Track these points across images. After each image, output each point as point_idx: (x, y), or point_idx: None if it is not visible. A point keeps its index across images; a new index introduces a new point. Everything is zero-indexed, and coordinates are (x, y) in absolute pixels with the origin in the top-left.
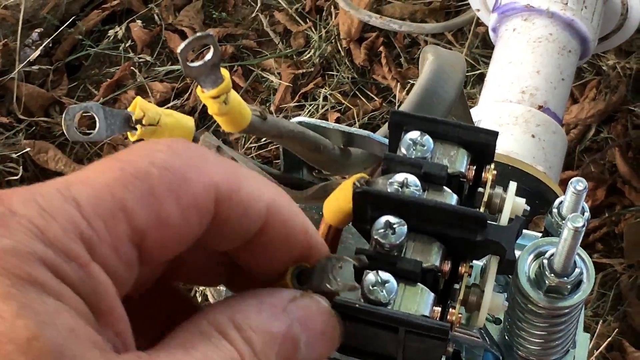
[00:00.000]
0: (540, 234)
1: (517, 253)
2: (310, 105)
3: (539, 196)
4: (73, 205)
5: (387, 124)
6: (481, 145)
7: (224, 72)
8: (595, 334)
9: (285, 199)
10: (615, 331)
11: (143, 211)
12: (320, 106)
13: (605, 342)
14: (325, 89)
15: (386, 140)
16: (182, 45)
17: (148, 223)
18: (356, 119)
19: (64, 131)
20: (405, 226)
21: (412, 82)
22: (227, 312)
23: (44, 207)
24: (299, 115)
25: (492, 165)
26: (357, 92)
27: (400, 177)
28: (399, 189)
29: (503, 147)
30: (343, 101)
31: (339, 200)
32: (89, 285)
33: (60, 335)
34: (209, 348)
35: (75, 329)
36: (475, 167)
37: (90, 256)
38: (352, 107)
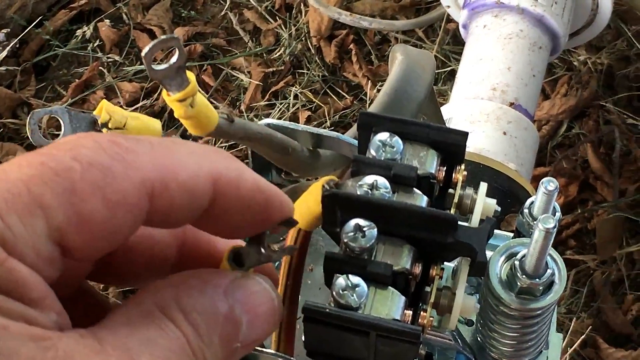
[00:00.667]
0: (511, 234)
1: (489, 254)
2: (280, 104)
3: (510, 194)
4: None
5: (356, 124)
6: (451, 145)
7: (190, 75)
8: (569, 331)
9: (229, 162)
10: (589, 328)
11: (62, 208)
12: (291, 105)
13: (579, 339)
14: (296, 87)
15: (355, 142)
16: (147, 48)
17: (68, 221)
18: (327, 117)
19: (29, 135)
20: (375, 229)
21: (383, 79)
22: (172, 293)
23: None
24: (270, 113)
25: (463, 166)
26: (328, 90)
27: (369, 179)
28: (369, 191)
29: (475, 145)
30: (314, 99)
31: (309, 203)
32: (11, 280)
33: None
34: (154, 330)
35: (5, 325)
36: (445, 167)
37: (4, 251)
38: (323, 105)
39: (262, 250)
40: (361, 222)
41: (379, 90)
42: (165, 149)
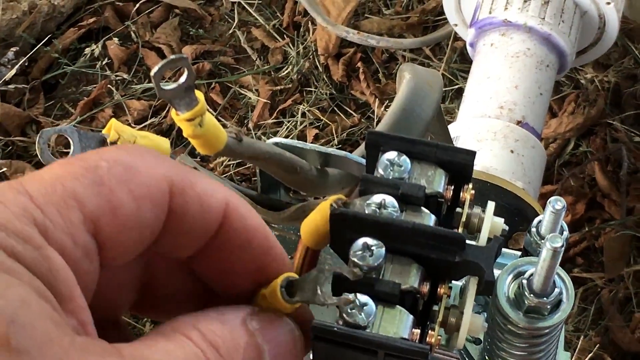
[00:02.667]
0: (519, 252)
1: (497, 272)
2: (288, 122)
3: (518, 213)
4: (25, 196)
5: (364, 143)
6: (459, 165)
7: (199, 95)
8: (577, 349)
9: (241, 200)
10: (597, 346)
11: (94, 199)
12: (298, 122)
13: (587, 358)
14: (304, 105)
15: (363, 161)
16: (156, 68)
17: (100, 210)
18: (335, 135)
19: (38, 154)
20: (383, 248)
21: (390, 97)
22: (190, 320)
23: None
24: (277, 131)
25: (470, 185)
26: (336, 108)
27: (377, 198)
28: (377, 210)
29: (482, 163)
30: (321, 117)
31: (317, 221)
32: (45, 267)
33: (10, 305)
34: (172, 344)
35: (27, 300)
36: (453, 187)
37: (45, 240)
38: (330, 123)
39: (318, 291)
40: (369, 241)
41: (386, 108)
42: (183, 166)
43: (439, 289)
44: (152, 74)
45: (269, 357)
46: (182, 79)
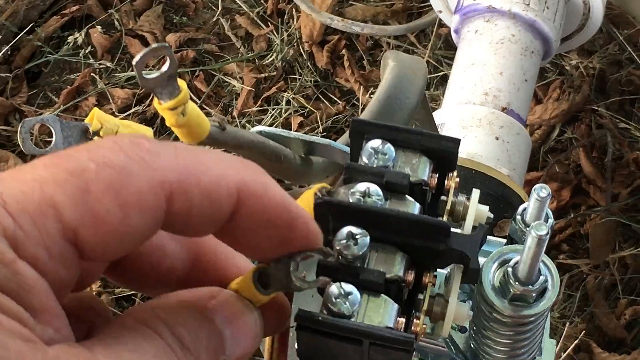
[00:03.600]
0: (504, 240)
1: (482, 260)
2: (273, 109)
3: (503, 200)
4: None
5: (348, 131)
6: (443, 152)
7: (181, 84)
8: (563, 336)
9: (257, 173)
10: (583, 333)
11: (76, 208)
12: (283, 110)
13: (573, 344)
14: (288, 92)
15: (347, 149)
16: (138, 57)
17: (82, 220)
18: (319, 123)
19: (20, 144)
20: (368, 237)
21: (375, 84)
22: (151, 310)
23: None
24: (262, 119)
25: (455, 173)
26: (320, 96)
27: (362, 186)
28: (361, 198)
29: (467, 150)
30: (306, 105)
31: None
32: (15, 283)
33: None
34: (142, 340)
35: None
36: (437, 174)
37: (15, 253)
38: (315, 110)
39: (292, 277)
40: (354, 229)
41: (371, 96)
42: (189, 153)
43: (423, 278)
44: (134, 62)
45: (230, 341)
46: (165, 67)
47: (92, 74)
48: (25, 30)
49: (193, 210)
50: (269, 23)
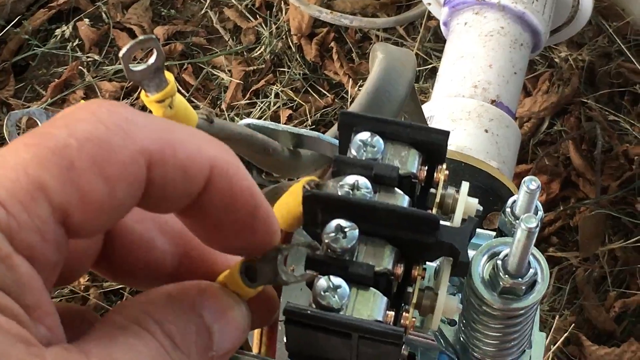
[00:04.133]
0: (494, 232)
1: (471, 253)
2: (261, 102)
3: (492, 192)
4: None
5: (337, 124)
6: (432, 145)
7: (169, 76)
8: (552, 329)
9: (229, 156)
10: (572, 325)
11: (63, 187)
12: (272, 103)
13: (562, 337)
14: (277, 85)
15: (336, 141)
16: (124, 49)
17: (70, 199)
18: (308, 116)
19: (6, 137)
20: (357, 230)
21: (364, 77)
22: (141, 307)
23: None
24: (251, 112)
25: (444, 166)
26: (309, 89)
27: (350, 179)
28: (350, 191)
29: (456, 143)
30: (295, 98)
31: (289, 203)
32: (11, 279)
33: None
34: (134, 339)
35: None
36: (426, 167)
37: (10, 245)
38: (304, 103)
39: (279, 271)
40: (342, 222)
41: (360, 88)
42: (165, 124)
43: (413, 271)
44: (120, 54)
45: (218, 336)
46: (152, 59)
47: (79, 67)
48: (12, 23)
49: (168, 182)
50: (258, 16)
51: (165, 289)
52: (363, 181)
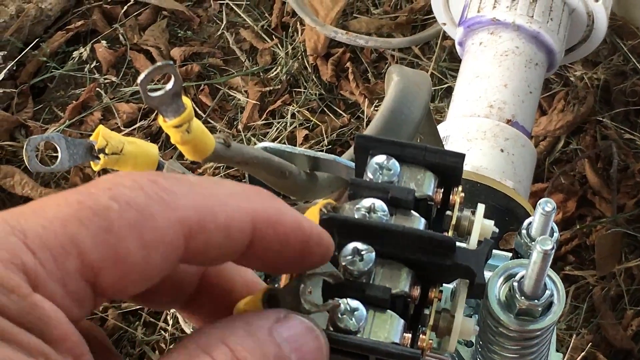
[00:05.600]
0: (510, 253)
1: (488, 275)
2: (278, 123)
3: (508, 212)
4: (19, 237)
5: (352, 147)
6: (448, 167)
7: (186, 101)
8: (569, 348)
9: (269, 202)
10: (589, 344)
11: (98, 248)
12: (288, 123)
13: (580, 356)
14: (293, 106)
15: (352, 164)
16: (142, 76)
17: (104, 260)
18: (325, 136)
19: (26, 162)
20: (373, 252)
21: (380, 97)
22: (217, 334)
23: None
24: (267, 133)
25: (460, 188)
26: (325, 109)
27: (367, 202)
28: (366, 214)
29: (472, 163)
30: (311, 118)
31: None
32: (34, 316)
33: None
34: None
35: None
36: (442, 189)
37: (31, 288)
38: (320, 123)
39: (302, 300)
40: (359, 245)
41: (376, 108)
42: (204, 189)
43: (429, 293)
44: (138, 81)
45: None
46: (169, 85)
47: (97, 88)
48: (30, 46)
49: (210, 246)
50: (274, 36)
51: (244, 316)
52: (379, 204)
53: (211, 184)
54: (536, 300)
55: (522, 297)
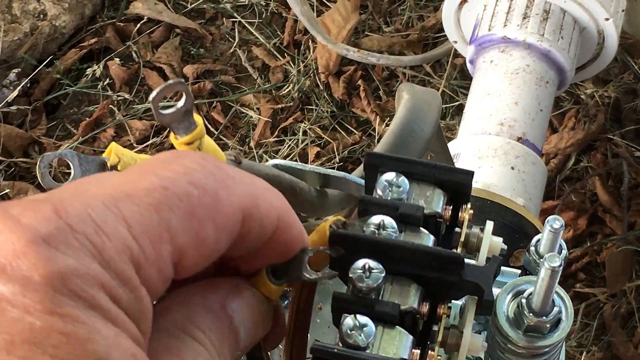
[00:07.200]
0: (519, 270)
1: (496, 291)
2: (290, 140)
3: (518, 230)
4: (124, 225)
5: (362, 164)
6: (457, 185)
7: (197, 118)
8: None
9: (288, 209)
10: None
11: (185, 232)
12: (300, 141)
13: None
14: (305, 123)
15: (362, 181)
16: (153, 93)
17: (188, 244)
18: (336, 153)
19: (39, 179)
20: (383, 269)
21: (391, 114)
22: (184, 313)
23: (98, 225)
24: (279, 150)
25: (469, 205)
26: (337, 126)
27: (376, 219)
28: (376, 231)
29: (483, 180)
30: (323, 135)
31: (316, 243)
32: (138, 309)
33: None
34: (186, 349)
35: (136, 355)
36: (451, 206)
37: (139, 279)
38: (331, 141)
39: (303, 269)
40: (368, 262)
41: (387, 125)
42: (250, 178)
43: (438, 309)
44: (150, 98)
45: (244, 336)
46: (181, 103)
47: (110, 105)
48: (44, 63)
49: (251, 232)
50: (286, 54)
51: (197, 289)
52: (389, 221)
53: (252, 175)
54: (544, 317)
55: (531, 314)
